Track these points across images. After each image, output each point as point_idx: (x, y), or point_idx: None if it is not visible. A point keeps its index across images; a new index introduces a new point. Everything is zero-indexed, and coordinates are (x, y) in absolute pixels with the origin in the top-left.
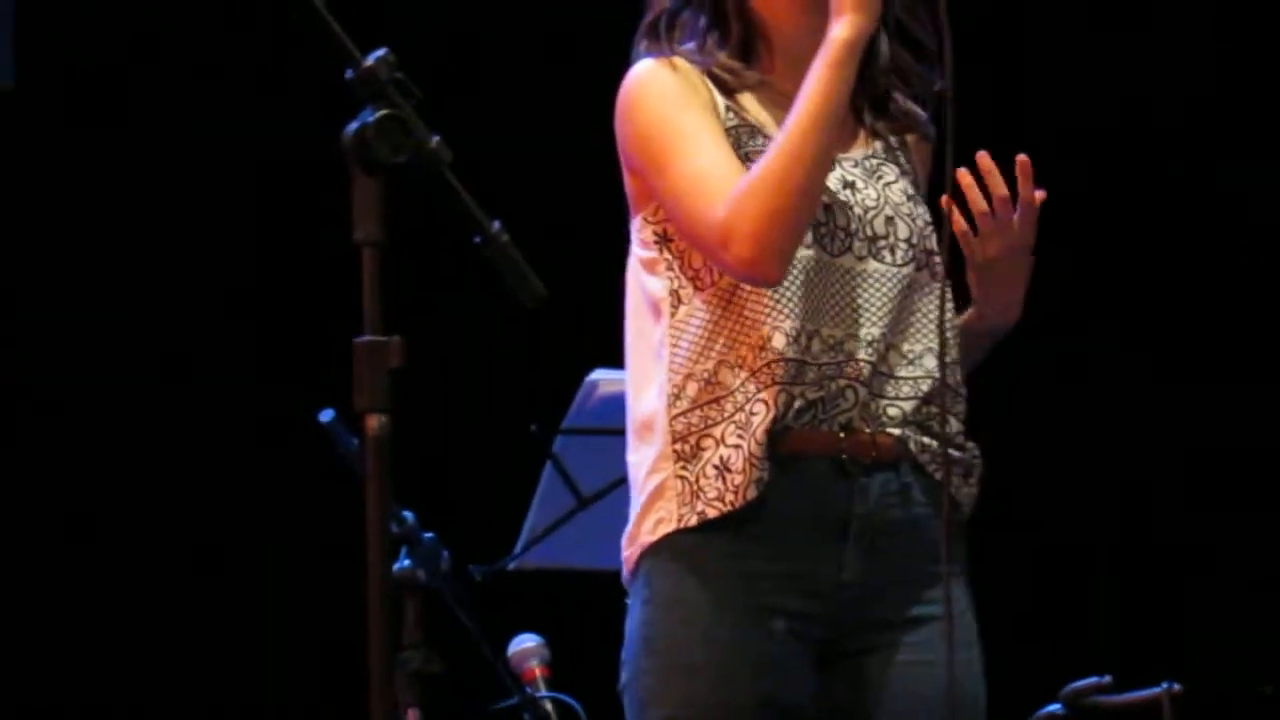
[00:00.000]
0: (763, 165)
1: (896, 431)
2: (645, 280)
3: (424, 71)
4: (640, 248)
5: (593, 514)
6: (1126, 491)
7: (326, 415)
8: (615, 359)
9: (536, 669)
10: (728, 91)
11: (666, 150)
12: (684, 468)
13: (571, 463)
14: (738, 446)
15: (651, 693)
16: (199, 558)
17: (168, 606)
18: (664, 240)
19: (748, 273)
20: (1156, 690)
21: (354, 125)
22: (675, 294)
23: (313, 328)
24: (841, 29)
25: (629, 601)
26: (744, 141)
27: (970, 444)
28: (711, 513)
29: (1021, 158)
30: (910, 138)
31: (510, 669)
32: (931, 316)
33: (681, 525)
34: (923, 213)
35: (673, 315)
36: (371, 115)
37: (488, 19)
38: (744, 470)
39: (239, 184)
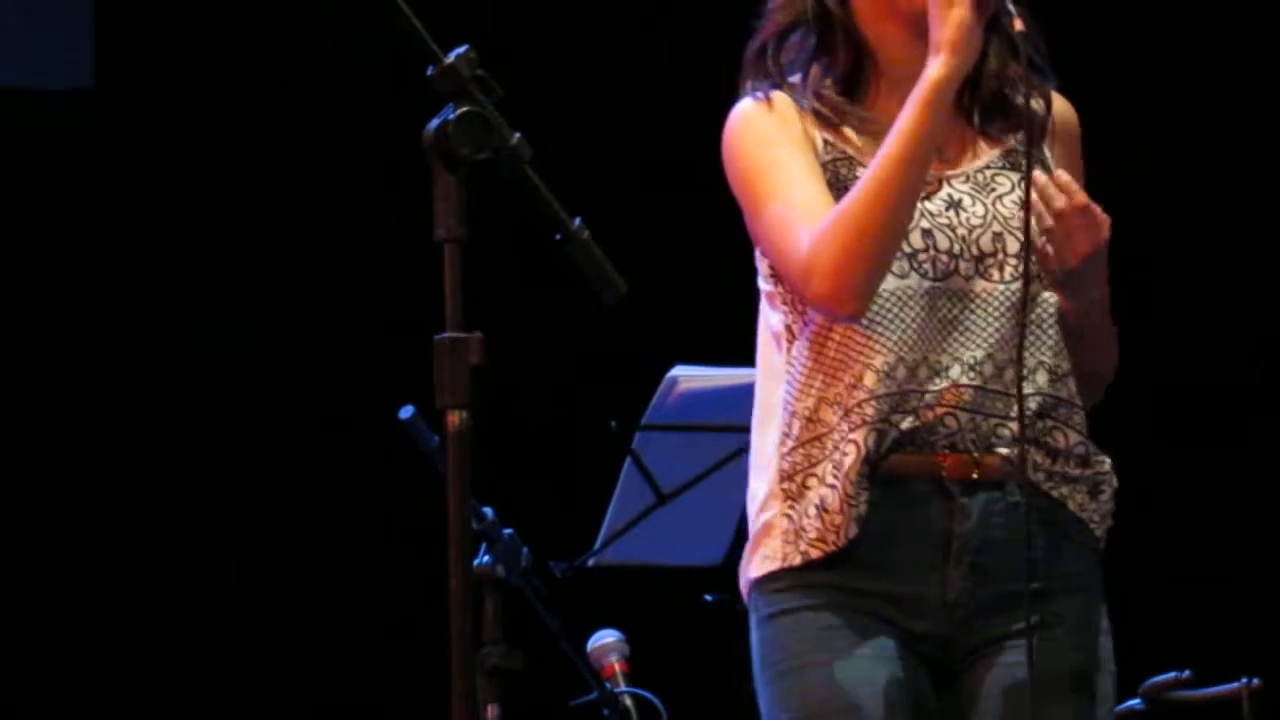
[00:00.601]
0: (846, 203)
1: (1005, 450)
2: (769, 313)
3: (505, 68)
4: (762, 280)
5: (672, 510)
6: (1204, 486)
7: (407, 412)
8: (695, 355)
9: (616, 664)
10: (829, 125)
11: (759, 191)
12: (791, 507)
13: (651, 459)
14: (834, 487)
15: (772, 714)
16: (282, 554)
17: (251, 602)
18: (778, 275)
19: (828, 309)
20: (1235, 685)
21: (435, 122)
22: (789, 329)
23: (394, 324)
24: (936, 68)
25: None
26: (842, 174)
27: (1098, 459)
28: (815, 554)
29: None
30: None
31: (590, 664)
32: (1046, 329)
33: (786, 564)
34: (1034, 223)
35: (788, 350)
36: (453, 112)
37: (570, 14)
38: (841, 510)
39: (319, 181)
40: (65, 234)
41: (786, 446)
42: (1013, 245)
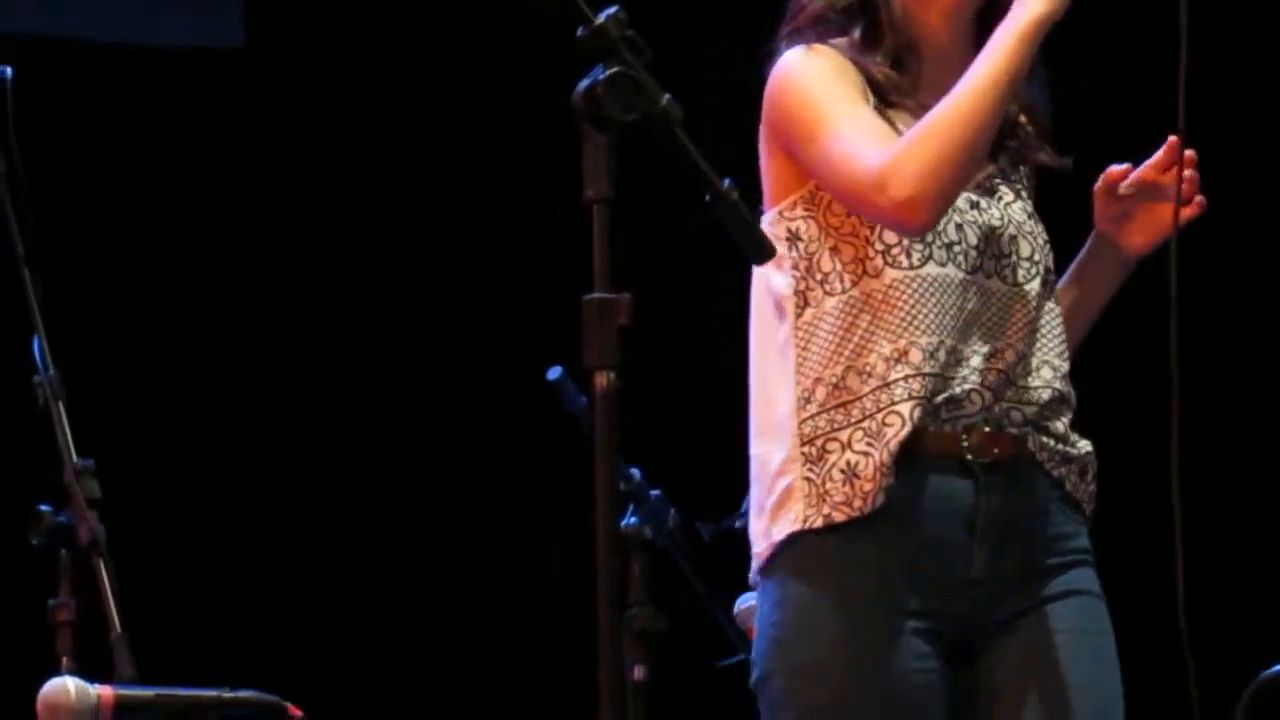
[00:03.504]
0: (935, 114)
1: (1015, 432)
2: (770, 275)
3: (654, 29)
4: None
5: None
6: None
7: (554, 372)
8: None
9: None
10: (878, 95)
11: (820, 117)
12: (810, 470)
13: None
14: (867, 454)
15: (783, 696)
16: (431, 513)
17: (403, 559)
18: (794, 239)
19: (900, 216)
20: None
21: (585, 83)
22: (802, 295)
23: (543, 284)
24: (1037, 5)
25: (759, 599)
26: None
27: (1082, 443)
28: (839, 517)
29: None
30: (1025, 166)
31: (735, 626)
32: (1049, 331)
33: (807, 526)
34: (1041, 231)
35: (798, 316)
36: (602, 73)
37: None
38: (873, 478)
39: (467, 139)
40: (214, 194)
41: (808, 411)
42: (1025, 248)
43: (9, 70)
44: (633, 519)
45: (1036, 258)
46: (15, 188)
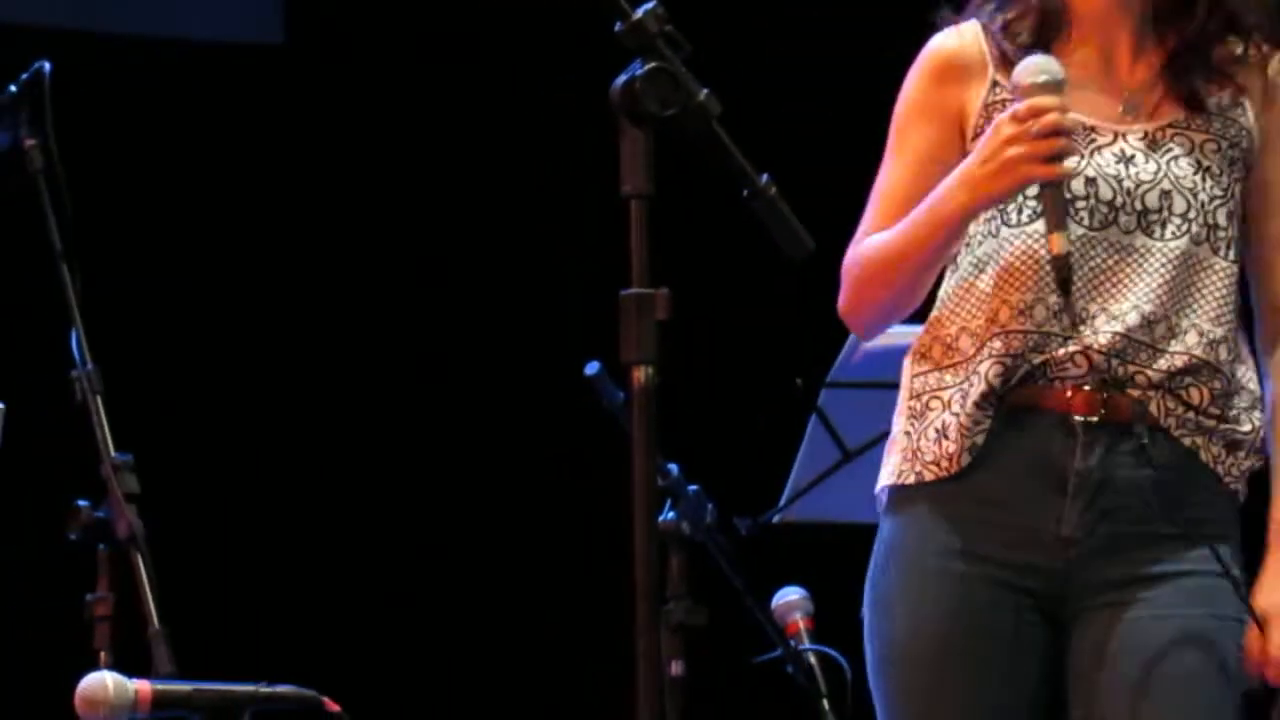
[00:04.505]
0: (875, 246)
1: (1138, 394)
2: None
3: (693, 24)
4: None
5: (857, 467)
6: None
7: (592, 367)
8: None
9: (800, 622)
10: (1009, 67)
11: (885, 155)
12: (911, 424)
13: (836, 416)
14: (956, 415)
15: (867, 629)
16: (468, 508)
17: (436, 557)
18: None
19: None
20: None
21: (623, 78)
22: (954, 259)
23: (581, 279)
24: (961, 195)
25: None
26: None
27: (1243, 420)
28: (929, 476)
29: None
30: (1253, 86)
31: (774, 622)
32: (1208, 293)
33: (901, 481)
34: (1212, 186)
35: (947, 281)
36: (640, 68)
37: None
38: (957, 440)
39: (504, 136)
40: (253, 189)
41: (921, 367)
42: (1179, 204)
43: (47, 65)
44: (671, 514)
45: (1191, 214)
46: (53, 183)
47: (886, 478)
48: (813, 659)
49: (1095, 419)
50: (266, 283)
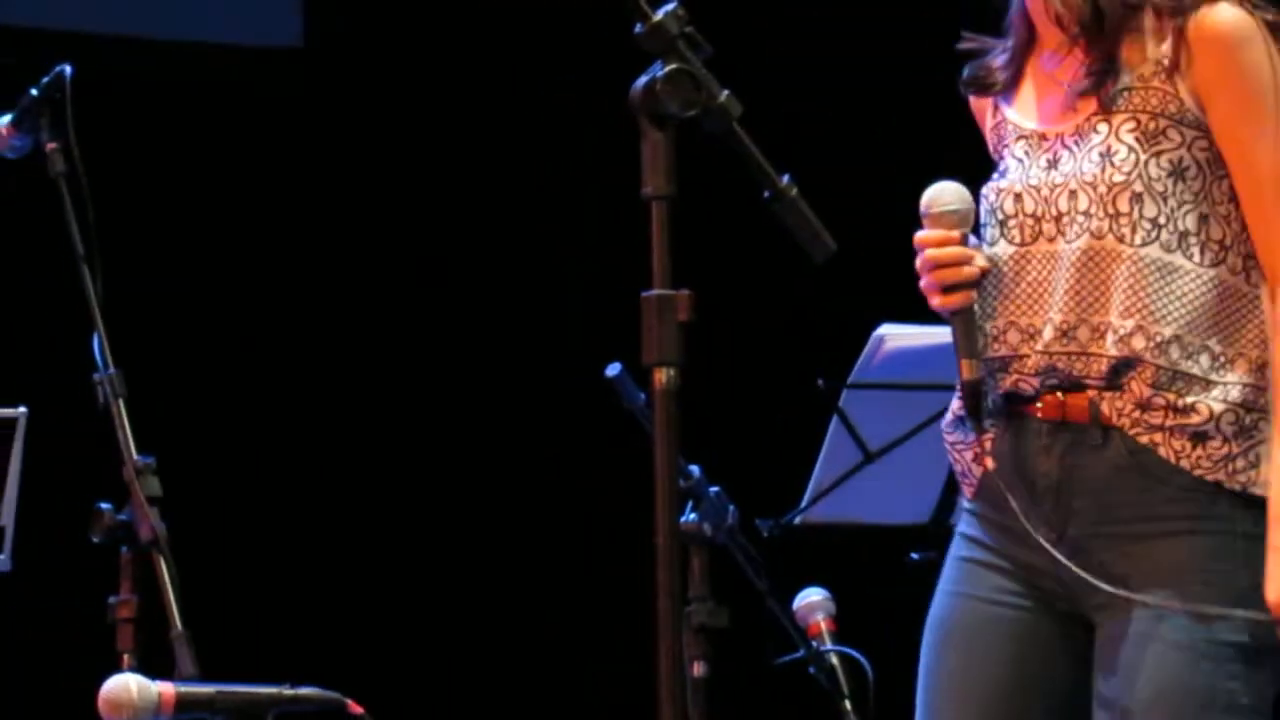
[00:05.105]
0: None
1: (1091, 394)
2: None
3: (713, 25)
4: None
5: (879, 468)
6: None
7: (614, 369)
8: (902, 313)
9: (822, 623)
10: (1006, 94)
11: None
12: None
13: (858, 417)
14: (946, 433)
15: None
16: (488, 512)
17: (457, 558)
18: None
19: None
20: None
21: (643, 79)
22: None
23: (602, 281)
24: None
25: None
26: (1001, 140)
27: (1193, 412)
28: (968, 492)
29: None
30: (1175, 54)
31: (796, 623)
32: (1116, 286)
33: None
34: (1110, 175)
35: None
36: (661, 69)
37: None
38: (956, 459)
39: (524, 139)
40: (272, 192)
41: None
42: (1082, 202)
43: (69, 69)
44: (692, 515)
45: (1092, 209)
46: (75, 186)
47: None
48: (835, 660)
49: (1057, 420)
50: (288, 284)
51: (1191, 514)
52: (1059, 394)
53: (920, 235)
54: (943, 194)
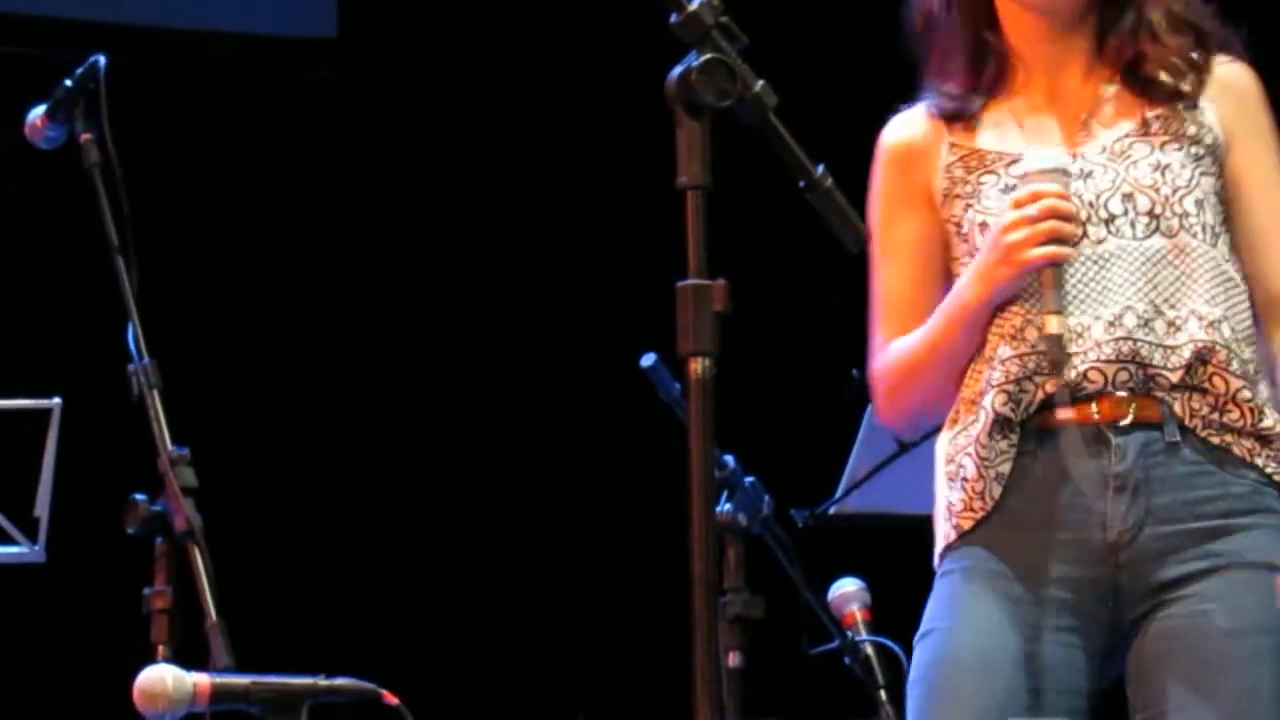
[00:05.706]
0: (903, 353)
1: (1161, 395)
2: None
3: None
4: None
5: (913, 459)
6: None
7: (649, 359)
8: None
9: (857, 613)
10: (958, 122)
11: (873, 250)
12: (949, 488)
13: None
14: (972, 455)
15: (913, 660)
16: (523, 502)
17: (492, 549)
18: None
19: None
20: None
21: (679, 70)
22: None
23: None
24: (968, 293)
25: None
26: (959, 174)
27: (1264, 410)
28: (966, 524)
29: None
30: (1207, 88)
31: (831, 613)
32: (1196, 278)
33: (946, 543)
34: (1171, 180)
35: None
36: (696, 59)
37: None
38: (979, 476)
39: (562, 127)
40: (305, 182)
41: (952, 432)
42: (1143, 203)
43: (103, 60)
44: (727, 506)
45: (1157, 209)
46: (109, 178)
47: (938, 547)
48: (870, 650)
49: (1125, 423)
50: (322, 276)
51: (1267, 507)
52: (1124, 397)
53: (1039, 186)
54: (1051, 153)
